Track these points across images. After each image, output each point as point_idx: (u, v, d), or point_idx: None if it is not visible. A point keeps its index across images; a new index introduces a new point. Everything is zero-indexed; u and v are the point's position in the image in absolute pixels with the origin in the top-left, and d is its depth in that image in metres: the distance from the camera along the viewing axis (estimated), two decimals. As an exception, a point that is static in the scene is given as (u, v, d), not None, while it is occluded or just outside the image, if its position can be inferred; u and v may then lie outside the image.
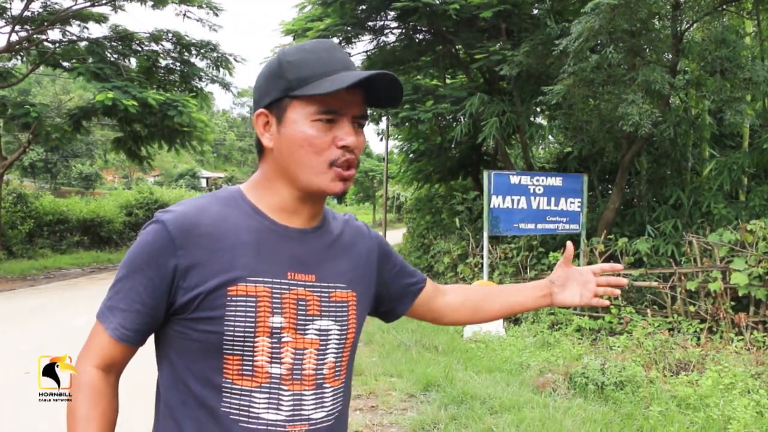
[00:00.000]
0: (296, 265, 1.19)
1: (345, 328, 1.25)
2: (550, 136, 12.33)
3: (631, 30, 7.59)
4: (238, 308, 1.12)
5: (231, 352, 1.12)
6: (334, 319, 1.22)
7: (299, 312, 1.17)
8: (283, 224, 1.21)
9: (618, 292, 1.53)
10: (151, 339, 1.23)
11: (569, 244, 1.54)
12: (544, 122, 12.09)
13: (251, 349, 1.13)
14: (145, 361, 1.37)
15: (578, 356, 6.18)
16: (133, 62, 16.81)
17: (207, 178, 49.30)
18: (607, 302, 1.53)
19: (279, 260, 1.18)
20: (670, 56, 8.28)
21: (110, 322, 1.16)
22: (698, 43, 8.20)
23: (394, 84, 1.17)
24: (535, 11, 10.14)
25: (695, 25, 8.46)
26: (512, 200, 8.20)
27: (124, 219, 21.28)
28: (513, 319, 8.37)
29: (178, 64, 16.96)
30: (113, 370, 1.20)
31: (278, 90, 1.17)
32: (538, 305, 1.55)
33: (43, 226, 17.86)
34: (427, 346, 6.94)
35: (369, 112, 1.22)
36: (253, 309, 1.13)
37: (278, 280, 1.16)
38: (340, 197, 1.36)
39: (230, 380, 1.13)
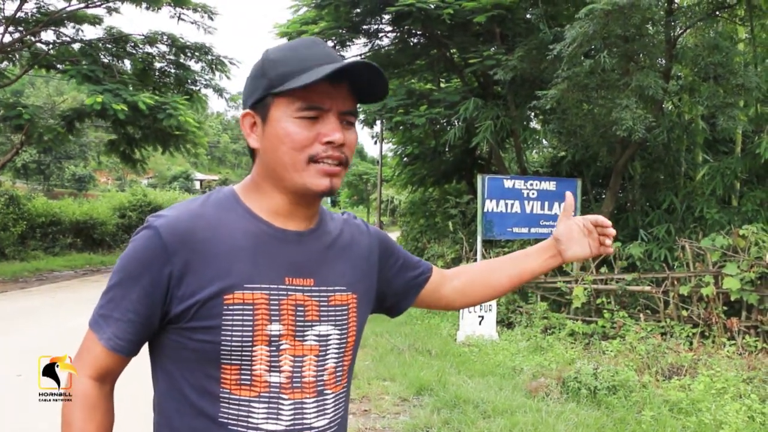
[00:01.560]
0: (294, 270, 1.16)
1: (345, 332, 1.21)
2: (544, 141, 12.37)
3: (625, 35, 7.63)
4: (235, 317, 1.09)
5: (229, 361, 1.09)
6: (333, 323, 1.19)
7: (297, 318, 1.14)
8: (281, 227, 1.18)
9: (610, 243, 1.45)
10: (146, 346, 1.20)
11: (568, 194, 1.47)
12: (539, 126, 12.13)
13: (249, 358, 1.10)
14: (142, 370, 1.34)
15: (571, 361, 6.18)
16: (127, 64, 16.78)
17: (201, 181, 49.24)
18: (611, 249, 1.46)
19: (276, 265, 1.14)
20: (664, 62, 8.33)
21: (103, 332, 1.13)
22: (691, 48, 8.24)
23: (376, 74, 1.13)
24: (529, 16, 10.16)
25: (688, 30, 8.50)
26: (506, 204, 8.20)
27: (117, 221, 21.22)
28: (506, 323, 8.38)
29: (172, 66, 16.94)
30: (108, 379, 1.17)
31: (261, 89, 1.14)
32: (549, 267, 1.49)
33: (36, 228, 17.77)
34: (420, 350, 6.94)
35: (361, 112, 1.20)
36: (251, 317, 1.10)
37: (275, 286, 1.13)
38: (328, 195, 1.28)
39: (228, 390, 1.10)
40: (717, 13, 8.25)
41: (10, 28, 14.60)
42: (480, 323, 7.54)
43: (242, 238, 1.14)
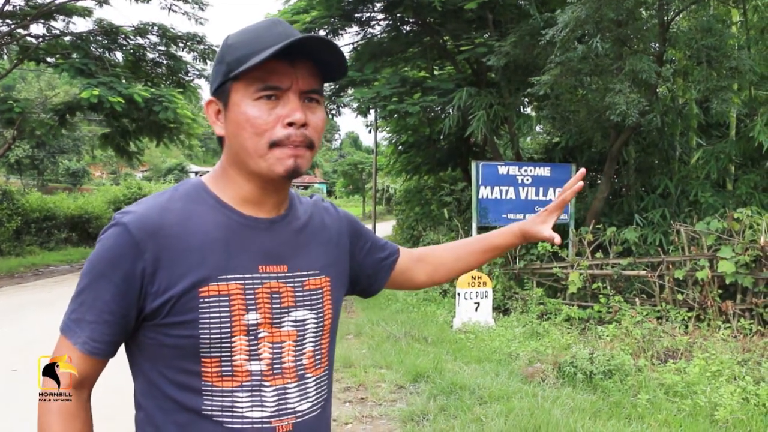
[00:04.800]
0: (267, 258, 1.15)
1: (321, 315, 1.22)
2: (538, 127, 12.35)
3: (618, 19, 7.60)
4: (212, 309, 1.08)
5: (208, 354, 1.09)
6: (309, 308, 1.19)
7: (274, 306, 1.14)
8: (251, 215, 1.17)
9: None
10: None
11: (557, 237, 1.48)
12: (533, 113, 12.11)
13: (229, 349, 1.09)
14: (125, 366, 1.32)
15: (567, 346, 6.20)
16: (119, 56, 16.67)
17: (196, 173, 49.08)
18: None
19: (250, 254, 1.14)
20: (657, 46, 8.29)
21: (78, 337, 1.10)
22: (685, 32, 8.21)
23: (333, 50, 1.10)
24: (521, 1, 10.12)
25: (682, 14, 8.46)
26: (500, 190, 8.21)
27: (112, 215, 21.06)
28: (502, 309, 8.39)
29: (164, 57, 16.82)
30: (85, 385, 1.14)
31: (221, 75, 1.13)
32: (513, 246, 1.57)
33: (31, 223, 17.68)
34: (416, 338, 6.95)
35: (354, 101, 1.16)
36: (227, 308, 1.09)
37: (250, 275, 1.12)
38: (294, 177, 1.16)
39: (210, 382, 1.10)
40: (710, -5, 8.22)
41: (-1, 22, 14.49)
42: (476, 310, 7.55)
43: (213, 229, 1.13)
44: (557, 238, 1.47)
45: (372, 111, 14.80)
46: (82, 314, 1.10)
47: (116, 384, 1.29)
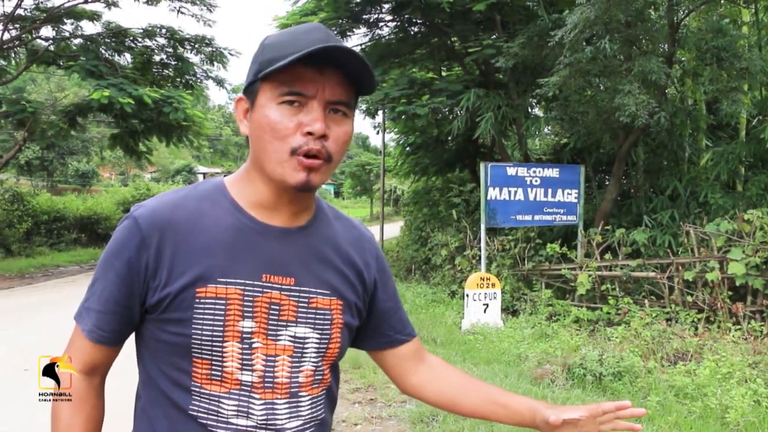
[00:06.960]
0: (273, 267, 1.13)
1: (326, 337, 1.17)
2: (546, 128, 12.32)
3: (627, 20, 7.58)
4: (206, 311, 1.07)
5: (199, 355, 1.08)
6: (312, 326, 1.15)
7: (271, 317, 1.11)
8: (263, 222, 1.14)
9: (639, 427, 1.25)
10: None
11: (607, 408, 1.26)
12: (541, 114, 12.08)
13: (220, 353, 1.08)
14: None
15: (576, 347, 6.18)
16: (127, 58, 16.75)
17: (204, 174, 49.18)
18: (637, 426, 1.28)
19: (254, 261, 1.12)
20: (666, 46, 8.27)
21: (86, 324, 1.14)
22: (694, 32, 8.18)
23: (361, 63, 1.06)
24: (529, 2, 10.10)
25: (691, 14, 8.43)
26: (509, 192, 8.19)
27: (121, 216, 21.04)
28: (511, 310, 8.38)
29: (172, 59, 16.90)
30: (96, 372, 1.18)
31: (252, 74, 1.10)
32: (516, 424, 1.31)
33: (41, 225, 17.81)
34: (425, 339, 6.95)
35: (362, 102, 1.10)
36: (222, 312, 1.08)
37: (251, 282, 1.11)
38: (306, 190, 1.10)
39: (199, 384, 1.10)
40: (720, -4, 8.19)
41: (9, 26, 14.56)
42: (485, 311, 7.55)
43: (222, 231, 1.12)
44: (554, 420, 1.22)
45: (380, 112, 14.83)
46: (92, 303, 1.15)
47: (130, 381, 1.30)
